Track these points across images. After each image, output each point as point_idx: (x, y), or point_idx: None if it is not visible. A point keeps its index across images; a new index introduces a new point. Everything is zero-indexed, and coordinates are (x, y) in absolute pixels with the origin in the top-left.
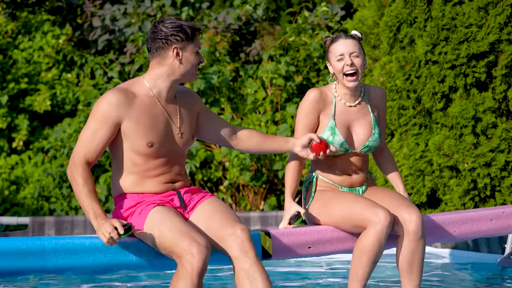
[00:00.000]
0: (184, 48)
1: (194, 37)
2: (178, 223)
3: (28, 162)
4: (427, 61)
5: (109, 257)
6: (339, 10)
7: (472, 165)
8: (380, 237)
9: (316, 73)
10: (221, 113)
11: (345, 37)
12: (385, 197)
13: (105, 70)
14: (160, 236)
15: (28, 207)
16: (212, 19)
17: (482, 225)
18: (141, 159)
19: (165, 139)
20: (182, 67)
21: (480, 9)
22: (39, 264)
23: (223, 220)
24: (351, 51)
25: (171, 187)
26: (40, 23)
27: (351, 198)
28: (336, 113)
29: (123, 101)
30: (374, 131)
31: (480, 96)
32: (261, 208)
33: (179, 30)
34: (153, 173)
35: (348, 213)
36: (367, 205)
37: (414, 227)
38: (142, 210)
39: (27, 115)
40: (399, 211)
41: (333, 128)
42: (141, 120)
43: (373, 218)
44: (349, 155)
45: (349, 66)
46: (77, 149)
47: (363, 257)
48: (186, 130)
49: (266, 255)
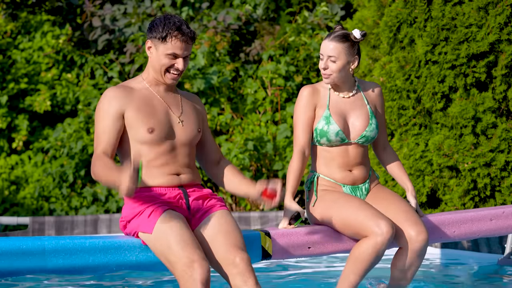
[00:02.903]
0: (156, 45)
1: (167, 41)
2: (186, 237)
3: (28, 162)
4: (427, 61)
5: (110, 257)
6: (339, 10)
7: (472, 165)
8: (379, 249)
9: (316, 73)
10: (221, 113)
11: (331, 38)
12: (390, 206)
13: (105, 70)
14: (169, 247)
15: (28, 207)
16: (212, 19)
17: (482, 225)
18: (145, 149)
19: (165, 126)
20: (152, 63)
21: (480, 9)
22: (39, 264)
23: (225, 244)
24: (329, 55)
25: (177, 180)
26: (40, 23)
27: (356, 204)
28: (331, 103)
29: (122, 94)
30: (371, 121)
31: (480, 96)
32: (261, 208)
33: (155, 28)
34: (157, 163)
35: (351, 220)
36: (371, 214)
37: (419, 247)
38: (152, 212)
39: (27, 115)
40: (405, 227)
41: (327, 118)
42: (141, 108)
43: (375, 229)
44: (347, 147)
45: (323, 69)
46: (95, 148)
47: (358, 265)
48: (187, 119)
49: (266, 255)
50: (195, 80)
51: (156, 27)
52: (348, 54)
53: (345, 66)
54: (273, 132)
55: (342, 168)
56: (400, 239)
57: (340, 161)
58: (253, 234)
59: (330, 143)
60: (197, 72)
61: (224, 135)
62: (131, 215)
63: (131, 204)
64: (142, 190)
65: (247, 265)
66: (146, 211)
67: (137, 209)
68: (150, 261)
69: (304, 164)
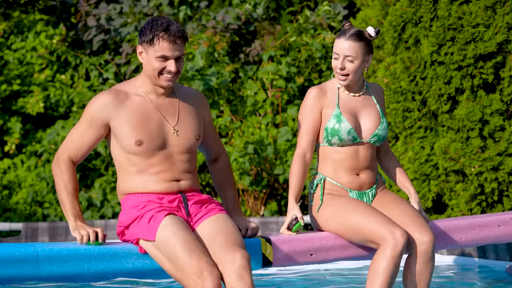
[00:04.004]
0: (146, 50)
1: (154, 43)
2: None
3: (20, 166)
4: (433, 62)
5: (105, 264)
6: (342, 9)
7: (479, 169)
8: (395, 256)
9: (318, 74)
10: (220, 116)
11: (347, 37)
12: (395, 210)
13: (100, 71)
14: (175, 255)
15: (21, 213)
16: (210, 18)
17: (490, 231)
18: (136, 158)
19: (156, 138)
20: (145, 69)
21: (487, 8)
22: (33, 271)
23: (225, 244)
24: (346, 54)
25: (176, 186)
26: (33, 23)
27: (366, 210)
28: (341, 102)
29: (112, 102)
30: (382, 119)
31: (488, 98)
32: (261, 213)
33: (143, 32)
34: (153, 171)
35: (362, 226)
36: (383, 222)
37: (425, 249)
38: (152, 218)
39: (20, 118)
40: (411, 230)
41: (338, 116)
42: (130, 119)
43: (389, 236)
44: (357, 148)
45: (340, 69)
46: (63, 147)
47: (380, 279)
48: (184, 128)
49: (266, 262)
50: (193, 82)
51: (144, 31)
52: (364, 53)
53: (361, 65)
54: (273, 135)
55: (350, 172)
56: (407, 245)
57: (349, 164)
58: (253, 241)
59: (341, 142)
60: (195, 73)
61: (223, 138)
62: (129, 220)
63: (128, 209)
64: (138, 194)
65: (247, 263)
66: (146, 216)
67: (135, 214)
68: (147, 268)
69: (306, 167)
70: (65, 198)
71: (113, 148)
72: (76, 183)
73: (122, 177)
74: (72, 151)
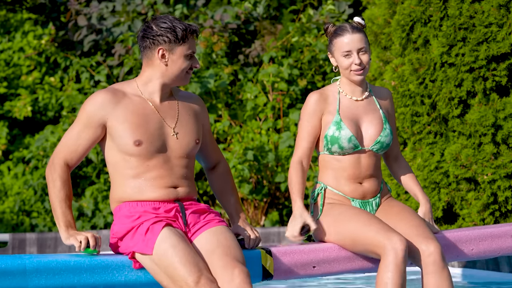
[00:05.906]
0: (171, 50)
1: (186, 40)
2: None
3: (7, 174)
4: (443, 63)
5: (96, 277)
6: (347, 8)
7: (492, 176)
8: (398, 263)
9: (322, 77)
10: (219, 120)
11: (352, 31)
12: (401, 221)
13: (91, 73)
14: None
15: (8, 222)
16: (208, 17)
17: (503, 242)
18: (133, 161)
19: (156, 139)
20: (169, 71)
21: (500, 6)
22: (20, 285)
23: (224, 259)
24: (359, 47)
25: (173, 193)
26: (20, 22)
27: (364, 218)
28: (341, 108)
29: (109, 100)
30: (385, 126)
31: (501, 101)
32: (261, 223)
33: (169, 31)
34: (149, 175)
35: (360, 235)
36: (381, 229)
37: (433, 260)
38: (148, 230)
39: (6, 122)
40: (416, 242)
41: (338, 123)
42: (128, 118)
43: (387, 243)
44: (359, 157)
45: (357, 65)
46: (57, 149)
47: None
48: (183, 131)
49: (267, 275)
50: (190, 84)
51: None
52: (368, 42)
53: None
54: (275, 141)
55: (352, 181)
56: (414, 258)
57: (350, 172)
58: (253, 252)
59: (342, 150)
60: (192, 75)
61: (221, 144)
62: (123, 231)
63: (122, 219)
64: (133, 203)
65: (246, 278)
66: (142, 228)
67: (130, 225)
68: (141, 281)
69: (304, 173)
70: (57, 205)
71: (108, 150)
72: (70, 189)
73: (116, 182)
74: (68, 153)
